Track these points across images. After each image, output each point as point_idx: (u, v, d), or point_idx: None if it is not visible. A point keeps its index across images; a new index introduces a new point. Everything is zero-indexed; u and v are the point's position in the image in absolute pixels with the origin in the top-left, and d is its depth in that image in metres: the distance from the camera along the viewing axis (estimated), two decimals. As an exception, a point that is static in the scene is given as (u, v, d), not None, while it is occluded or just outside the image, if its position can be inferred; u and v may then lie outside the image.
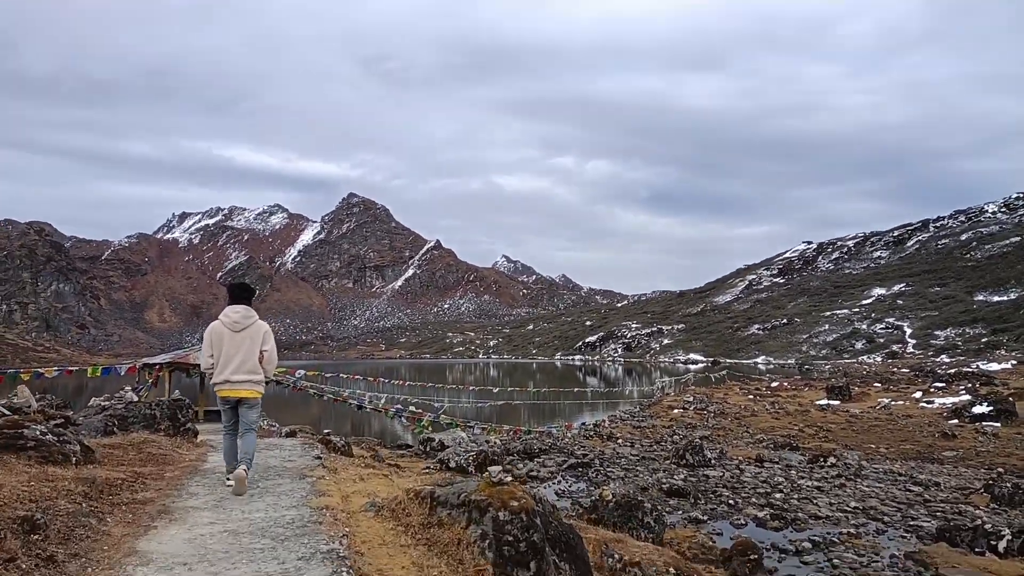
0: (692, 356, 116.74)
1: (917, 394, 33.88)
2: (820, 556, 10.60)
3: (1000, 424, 23.84)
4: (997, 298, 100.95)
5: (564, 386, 46.12)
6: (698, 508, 13.52)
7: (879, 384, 41.52)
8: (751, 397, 36.84)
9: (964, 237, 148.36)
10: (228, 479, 6.49)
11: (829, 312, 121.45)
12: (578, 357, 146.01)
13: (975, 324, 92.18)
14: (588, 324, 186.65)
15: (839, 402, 32.91)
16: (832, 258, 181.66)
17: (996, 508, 13.24)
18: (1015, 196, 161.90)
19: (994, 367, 51.38)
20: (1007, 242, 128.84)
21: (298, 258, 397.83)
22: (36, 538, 3.77)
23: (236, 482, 6.35)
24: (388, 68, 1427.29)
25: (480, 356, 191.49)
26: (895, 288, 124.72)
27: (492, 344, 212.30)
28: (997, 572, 8.78)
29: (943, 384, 37.06)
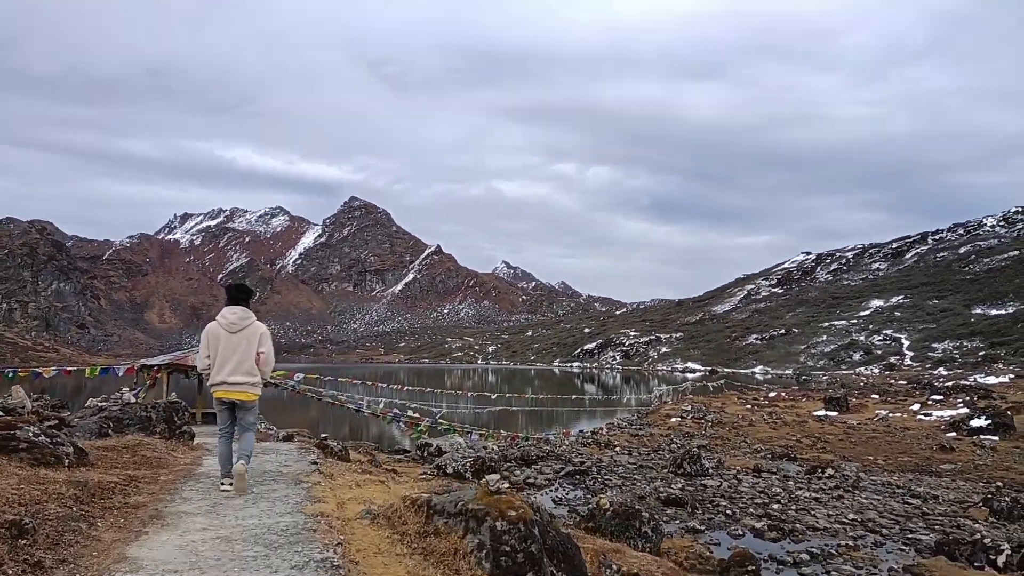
0: (690, 365, 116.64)
1: (915, 406, 33.82)
2: (818, 568, 10.54)
3: (998, 438, 23.79)
4: (995, 312, 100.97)
5: (562, 393, 46.05)
6: (695, 518, 13.45)
7: (877, 396, 41.44)
8: (749, 407, 36.76)
9: (963, 250, 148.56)
10: (223, 484, 6.42)
11: (827, 323, 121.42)
12: (576, 364, 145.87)
13: (973, 337, 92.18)
14: (587, 331, 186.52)
15: (837, 413, 32.83)
16: (831, 269, 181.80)
17: (995, 522, 13.18)
18: (1014, 210, 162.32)
19: (992, 380, 51.34)
20: (1005, 256, 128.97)
21: (299, 261, 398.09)
22: (24, 543, 3.70)
23: (236, 477, 6.35)
24: (391, 72, 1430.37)
25: (479, 362, 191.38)
26: (893, 300, 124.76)
27: (491, 350, 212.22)
28: (997, 588, 8.71)
29: (941, 397, 37.02)
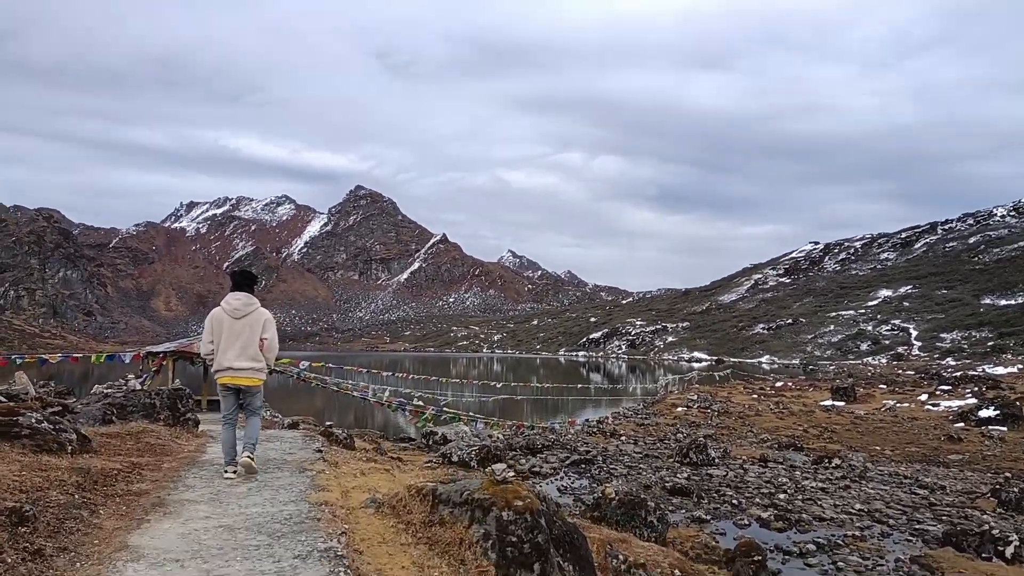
0: (696, 354, 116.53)
1: (923, 397, 33.67)
2: (824, 559, 10.48)
3: (1007, 428, 23.65)
4: (1004, 302, 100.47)
5: (567, 382, 46.04)
6: (701, 507, 13.41)
7: (884, 386, 41.29)
8: (755, 396, 36.67)
9: (972, 240, 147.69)
10: (227, 471, 6.39)
11: (835, 313, 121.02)
12: (582, 353, 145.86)
13: (981, 327, 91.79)
14: (593, 320, 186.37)
15: (844, 403, 32.72)
16: (839, 259, 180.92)
17: (1003, 513, 13.10)
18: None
19: (1000, 371, 51.10)
20: (1015, 246, 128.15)
21: (304, 249, 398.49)
22: (24, 531, 3.65)
23: (244, 468, 6.45)
24: (397, 61, 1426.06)
25: (484, 350, 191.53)
26: (902, 290, 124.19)
27: (496, 339, 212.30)
28: (1005, 579, 8.65)
29: (949, 387, 36.83)
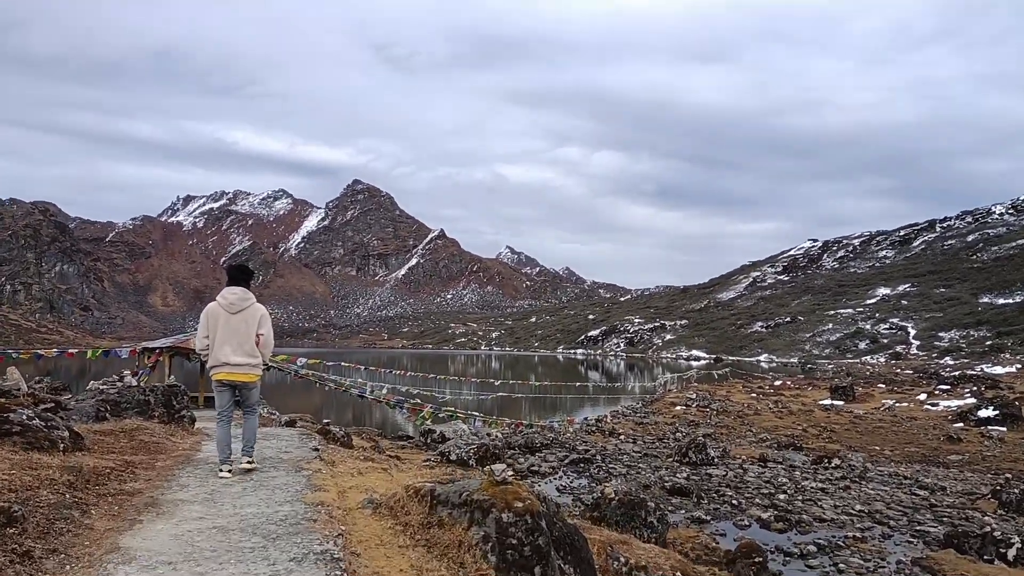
0: (695, 352, 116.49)
1: (922, 396, 33.65)
2: (825, 560, 10.45)
3: (1006, 429, 23.63)
4: (1003, 301, 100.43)
5: (566, 380, 46.00)
6: (701, 508, 13.37)
7: (883, 385, 41.26)
8: (754, 395, 36.64)
9: (971, 238, 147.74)
10: (221, 470, 6.31)
11: (833, 311, 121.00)
12: (580, 351, 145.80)
13: (980, 326, 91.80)
14: (591, 318, 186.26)
15: (843, 402, 32.69)
16: (837, 257, 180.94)
17: (1004, 515, 13.06)
18: (1023, 198, 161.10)
19: (999, 370, 51.12)
20: (1014, 244, 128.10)
21: (302, 244, 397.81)
22: (12, 532, 3.55)
23: (244, 470, 6.53)
24: (394, 55, 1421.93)
25: (482, 348, 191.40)
26: (900, 288, 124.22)
27: (494, 336, 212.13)
28: (1008, 582, 8.58)
29: (948, 387, 36.82)
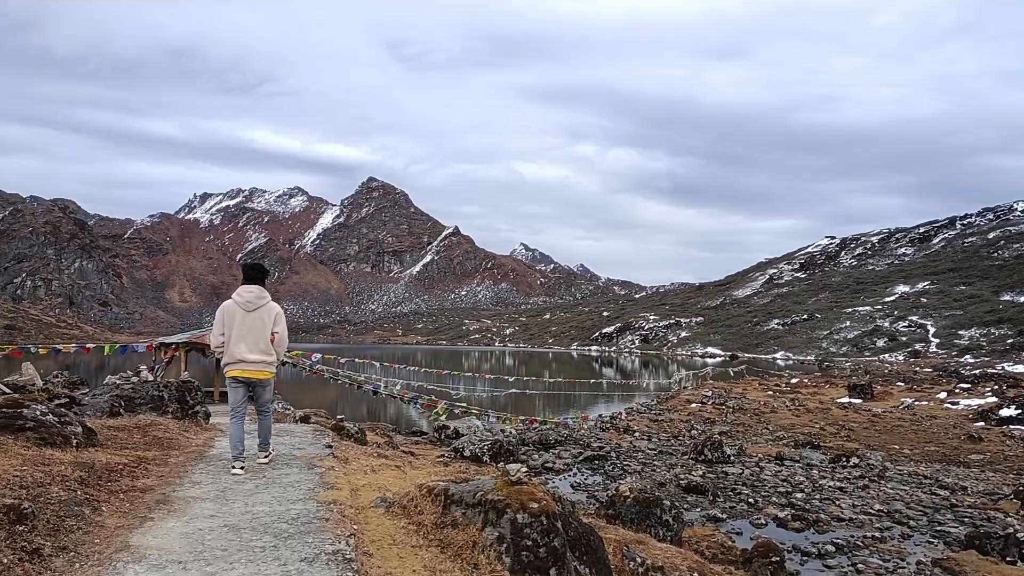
0: (710, 350, 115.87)
1: (941, 395, 33.20)
2: (844, 560, 10.30)
3: (1029, 428, 23.23)
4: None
5: (580, 377, 45.89)
6: (717, 506, 13.24)
7: (902, 383, 40.78)
8: (770, 393, 36.33)
9: (992, 236, 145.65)
10: (234, 467, 6.29)
11: (851, 309, 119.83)
12: (595, 348, 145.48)
13: (1000, 325, 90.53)
14: (605, 315, 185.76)
15: (861, 401, 32.32)
16: (855, 254, 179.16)
17: (1028, 516, 12.81)
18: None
19: (1020, 369, 50.42)
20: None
21: (317, 241, 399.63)
22: (22, 529, 3.50)
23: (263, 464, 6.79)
24: (410, 52, 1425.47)
25: (496, 344, 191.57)
26: (919, 286, 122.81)
27: (508, 332, 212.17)
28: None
29: (968, 385, 36.29)
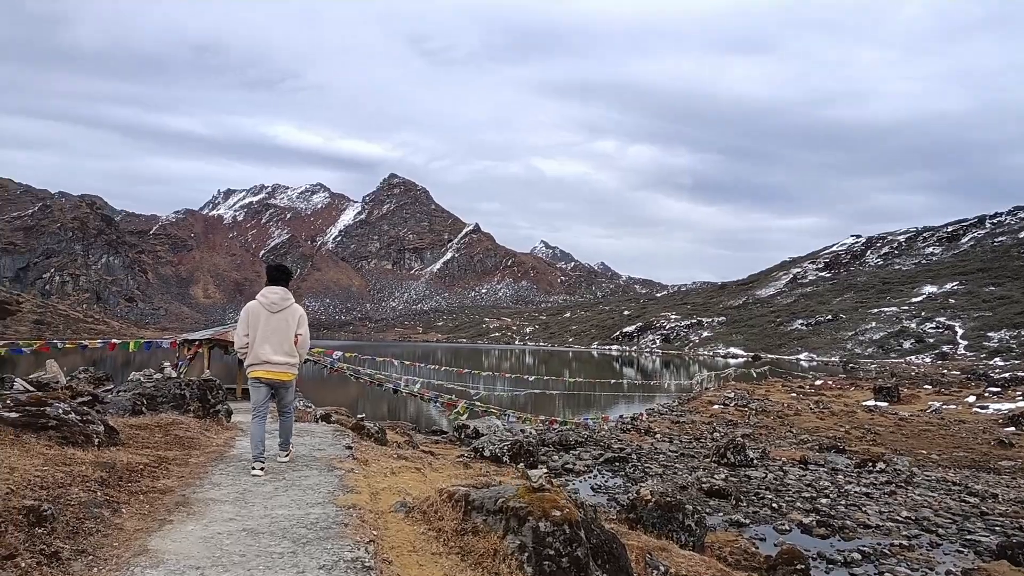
0: (732, 350, 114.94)
1: (970, 398, 32.55)
2: (870, 568, 10.10)
3: (1061, 434, 22.68)
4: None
5: (600, 377, 45.69)
6: (740, 511, 13.06)
7: (929, 386, 40.08)
8: (794, 395, 35.88)
9: (1023, 235, 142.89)
10: (254, 468, 6.29)
11: (877, 309, 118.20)
12: (615, 347, 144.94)
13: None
14: (626, 314, 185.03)
15: (887, 404, 31.80)
16: (881, 253, 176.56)
17: (1062, 525, 12.48)
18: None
19: (1052, 373, 49.25)
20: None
21: (339, 238, 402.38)
22: (41, 531, 3.49)
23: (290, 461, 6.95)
24: (430, 48, 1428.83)
25: (516, 342, 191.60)
26: (947, 286, 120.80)
27: (528, 331, 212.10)
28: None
29: (998, 389, 35.58)
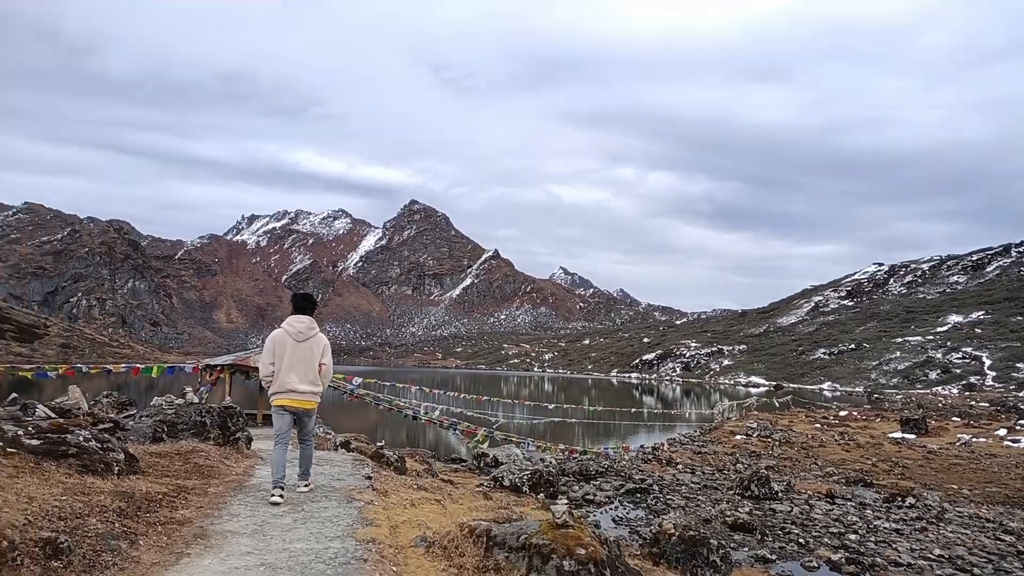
0: (754, 379, 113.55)
1: (1001, 431, 31.74)
2: (904, 609, 9.74)
3: (1098, 470, 21.99)
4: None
5: (620, 405, 45.23)
6: (765, 546, 12.71)
7: (957, 418, 39.18)
8: (818, 426, 35.22)
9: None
10: (273, 494, 6.25)
11: (901, 338, 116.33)
12: (634, 375, 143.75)
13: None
14: (646, 341, 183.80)
15: (914, 436, 31.08)
16: (905, 281, 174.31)
17: (1103, 567, 12.00)
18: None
19: (1085, 405, 48.01)
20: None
21: (360, 263, 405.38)
22: (57, 565, 3.43)
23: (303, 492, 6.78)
24: (451, 76, 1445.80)
25: (535, 369, 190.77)
26: (973, 316, 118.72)
27: (547, 357, 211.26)
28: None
29: (1029, 422, 34.69)
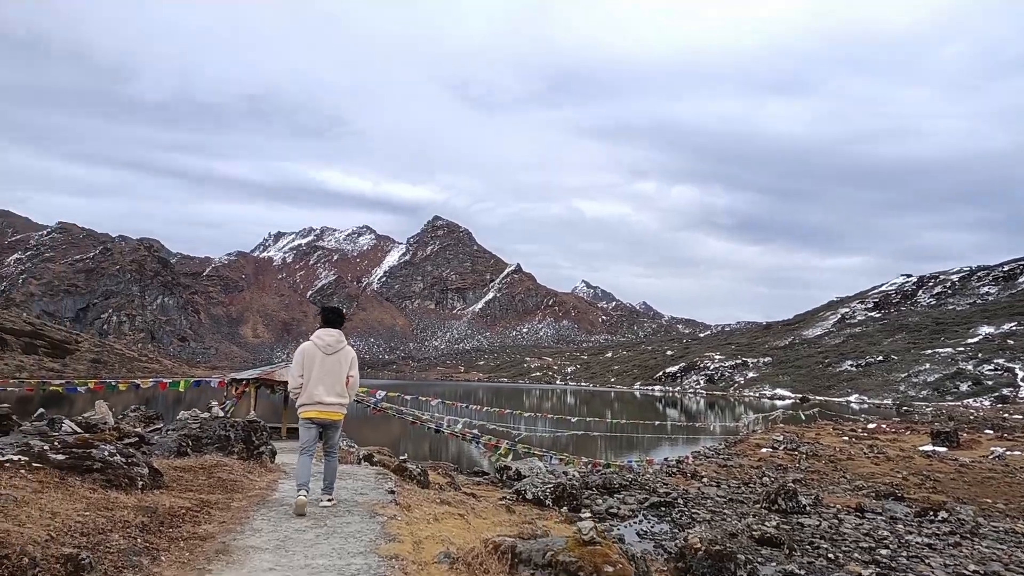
0: (779, 391, 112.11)
1: (1036, 444, 30.95)
2: (939, 628, 9.47)
3: None
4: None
5: (643, 418, 44.86)
6: (793, 561, 12.44)
7: (990, 431, 38.28)
8: (846, 439, 34.59)
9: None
10: (299, 493, 6.34)
11: (930, 350, 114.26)
12: (658, 388, 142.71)
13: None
14: (669, 354, 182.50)
15: (946, 449, 30.39)
16: (934, 293, 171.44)
17: None
18: None
19: (1124, 418, 46.74)
20: None
21: (384, 279, 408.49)
22: (79, 581, 3.44)
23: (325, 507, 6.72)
24: (472, 93, 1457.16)
25: (557, 382, 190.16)
26: (1005, 327, 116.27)
27: (570, 370, 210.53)
28: None
29: (1066, 434, 33.80)
